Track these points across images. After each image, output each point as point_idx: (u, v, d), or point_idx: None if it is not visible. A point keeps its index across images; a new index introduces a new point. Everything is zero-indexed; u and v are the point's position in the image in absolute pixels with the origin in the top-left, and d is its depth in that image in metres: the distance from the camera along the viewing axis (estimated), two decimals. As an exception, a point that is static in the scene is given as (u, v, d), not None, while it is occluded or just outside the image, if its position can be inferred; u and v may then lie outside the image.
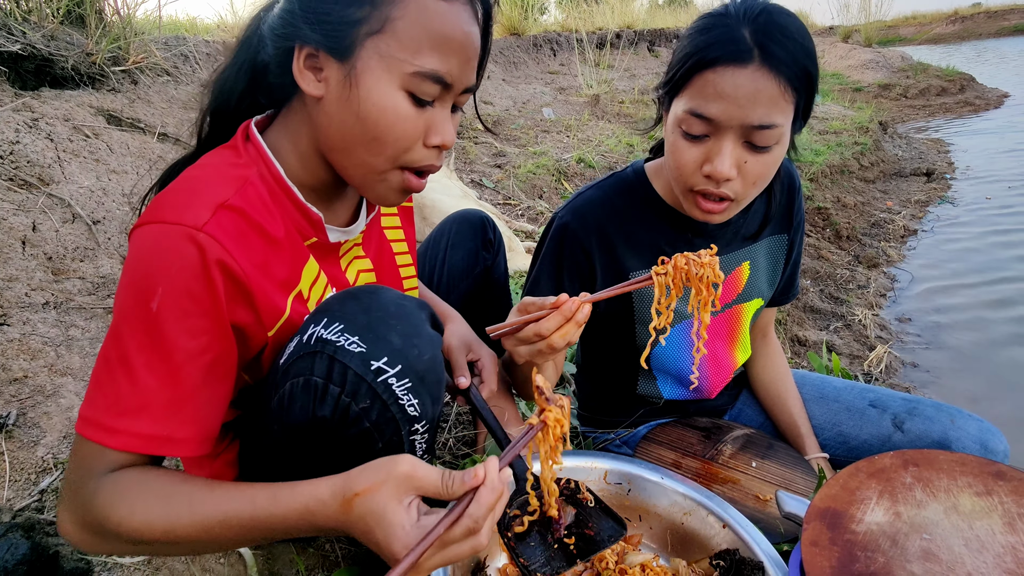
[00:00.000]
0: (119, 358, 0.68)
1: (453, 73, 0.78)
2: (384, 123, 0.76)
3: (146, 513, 0.67)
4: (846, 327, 2.94)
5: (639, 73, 8.25)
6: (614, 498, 1.14)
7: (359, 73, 0.74)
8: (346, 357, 0.72)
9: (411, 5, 0.73)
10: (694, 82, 0.98)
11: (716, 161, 0.99)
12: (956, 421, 1.23)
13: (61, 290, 1.62)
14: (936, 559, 0.77)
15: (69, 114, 2.18)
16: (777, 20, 0.96)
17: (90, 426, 0.68)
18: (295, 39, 0.76)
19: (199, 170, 0.77)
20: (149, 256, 0.69)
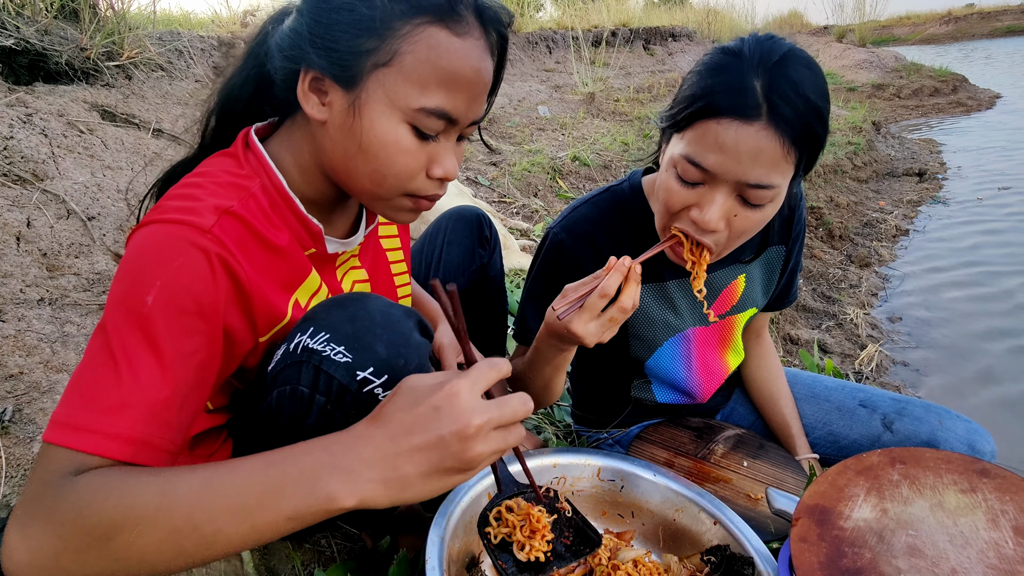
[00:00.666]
0: (105, 353, 0.63)
1: (459, 110, 0.76)
2: (385, 156, 0.76)
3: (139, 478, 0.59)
4: (838, 326, 2.97)
5: (634, 71, 8.27)
6: (607, 495, 1.15)
7: (363, 104, 0.73)
8: (331, 367, 0.72)
9: (422, 41, 0.72)
10: (696, 127, 0.94)
11: (706, 211, 0.96)
12: (944, 422, 1.25)
13: (56, 286, 1.62)
14: (921, 555, 0.79)
15: (63, 109, 2.17)
16: (791, 75, 0.90)
17: (63, 429, 0.61)
18: (301, 61, 0.75)
19: (200, 178, 0.76)
20: (150, 251, 0.66)
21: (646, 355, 1.29)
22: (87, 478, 0.59)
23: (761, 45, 0.93)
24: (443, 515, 0.97)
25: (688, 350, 1.31)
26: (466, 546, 1.02)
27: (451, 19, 0.73)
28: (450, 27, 0.73)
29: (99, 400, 0.61)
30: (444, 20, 0.73)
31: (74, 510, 0.57)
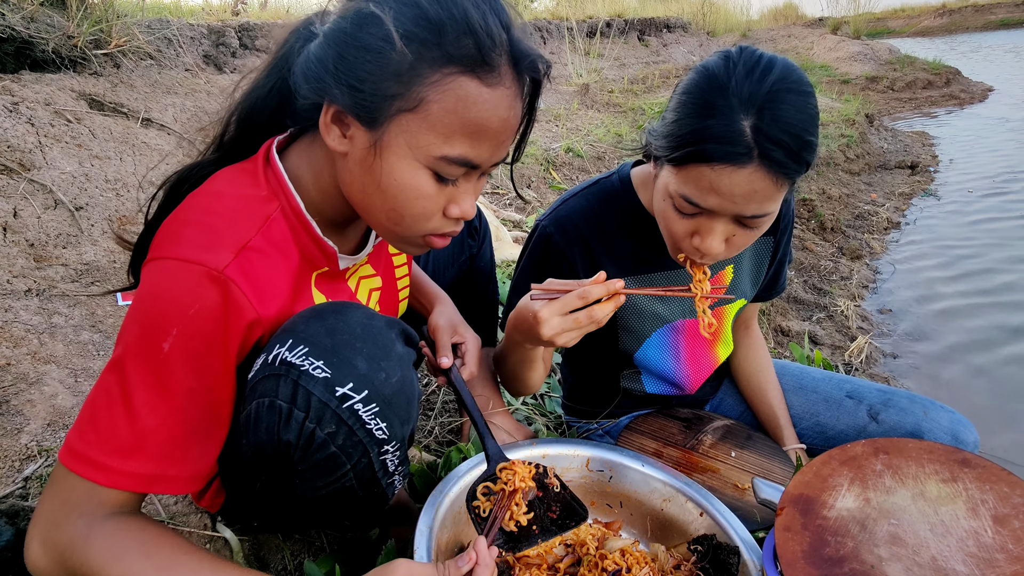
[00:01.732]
0: (120, 394, 0.67)
1: (482, 157, 0.75)
2: (403, 198, 0.75)
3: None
4: (828, 318, 2.98)
5: (629, 62, 8.24)
6: (595, 485, 1.16)
7: (384, 146, 0.72)
8: (310, 383, 0.71)
9: (450, 91, 0.70)
10: (690, 170, 0.94)
11: (707, 240, 0.99)
12: (929, 413, 1.26)
13: (44, 277, 1.61)
14: (902, 543, 0.80)
15: (50, 98, 2.15)
16: (781, 113, 0.88)
17: (79, 461, 0.66)
18: (325, 94, 0.73)
19: (219, 201, 0.76)
20: (166, 295, 0.68)
21: (635, 346, 1.29)
22: (99, 543, 0.66)
23: (749, 77, 0.90)
24: (432, 506, 0.97)
25: (677, 341, 1.32)
26: (455, 536, 1.02)
27: (482, 69, 0.70)
28: (480, 77, 0.70)
29: (114, 439, 0.66)
30: (475, 70, 0.70)
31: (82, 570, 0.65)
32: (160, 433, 0.68)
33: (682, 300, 1.28)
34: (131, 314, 0.69)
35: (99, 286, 1.68)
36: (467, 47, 0.69)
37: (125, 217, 1.94)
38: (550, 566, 1.02)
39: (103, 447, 0.66)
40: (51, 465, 1.16)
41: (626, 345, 1.29)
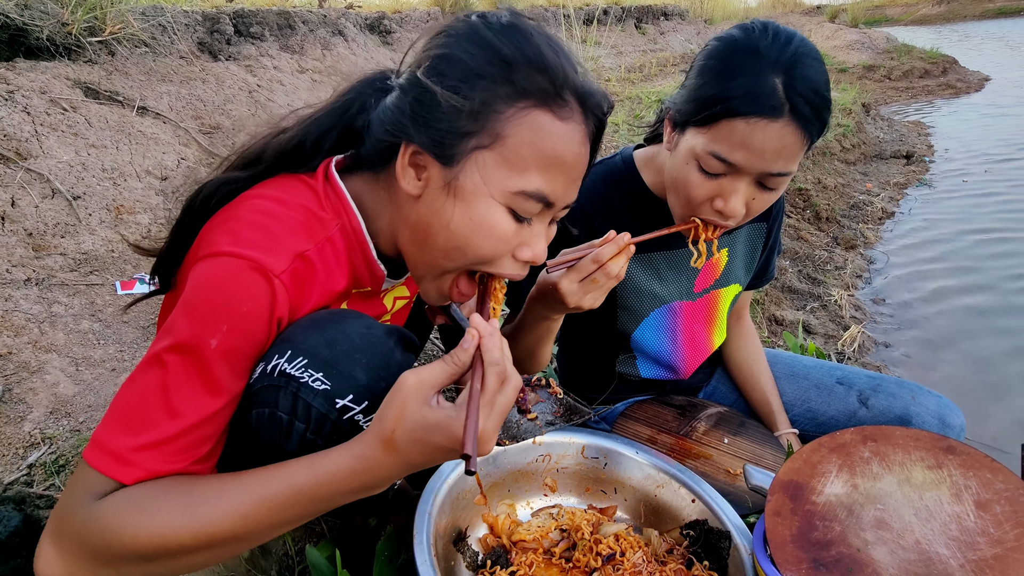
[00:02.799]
0: (158, 386, 0.65)
1: (557, 193, 0.76)
2: (475, 237, 0.75)
3: (167, 516, 0.62)
4: (822, 307, 3.01)
5: (626, 50, 8.20)
6: (591, 472, 1.19)
7: (460, 184, 0.73)
8: (309, 395, 0.71)
9: (525, 125, 0.71)
10: (720, 126, 0.98)
11: (731, 201, 1.02)
12: (917, 397, 1.29)
13: (43, 266, 1.61)
14: (888, 527, 0.83)
15: (46, 86, 2.14)
16: (807, 73, 0.95)
17: (103, 456, 0.64)
18: (403, 136, 0.74)
19: (281, 207, 0.76)
20: (222, 291, 0.67)
21: (632, 326, 1.31)
22: (113, 505, 0.63)
23: (776, 41, 0.97)
24: (431, 491, 0.99)
25: (674, 323, 1.34)
26: (453, 521, 1.05)
27: (555, 103, 0.72)
28: (554, 111, 0.72)
29: (146, 433, 0.64)
30: (548, 104, 0.72)
31: (104, 542, 0.62)
32: (195, 432, 0.67)
33: (679, 281, 1.30)
34: (181, 307, 0.68)
35: (98, 276, 1.69)
36: (540, 82, 0.71)
37: (123, 207, 1.94)
38: (546, 550, 1.04)
39: (134, 438, 0.64)
40: (55, 452, 1.18)
41: (624, 325, 1.31)
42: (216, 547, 0.65)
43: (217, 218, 0.76)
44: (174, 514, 0.63)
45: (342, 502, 0.68)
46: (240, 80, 3.14)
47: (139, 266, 1.79)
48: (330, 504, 0.67)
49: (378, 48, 4.66)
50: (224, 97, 2.93)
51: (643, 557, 0.99)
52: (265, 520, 0.65)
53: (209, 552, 0.66)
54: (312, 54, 3.92)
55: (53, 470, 1.13)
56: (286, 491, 0.65)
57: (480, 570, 1.00)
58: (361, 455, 0.65)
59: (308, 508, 0.67)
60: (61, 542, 0.64)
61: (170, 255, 0.83)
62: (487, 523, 1.10)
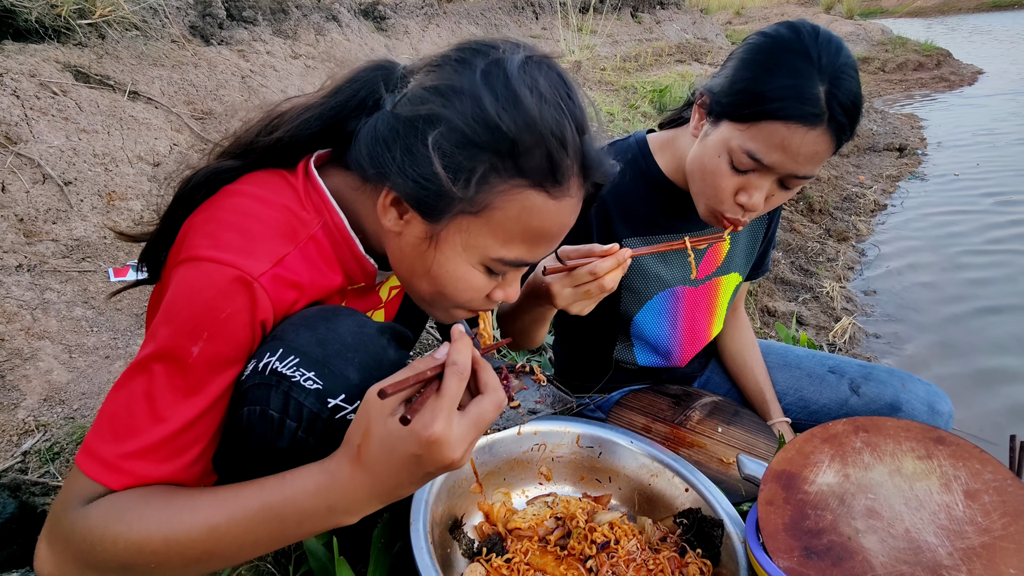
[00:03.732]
0: (144, 394, 0.66)
1: (536, 257, 0.77)
2: (452, 287, 0.77)
3: (143, 522, 0.63)
4: (814, 299, 3.03)
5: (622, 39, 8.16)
6: (586, 460, 1.20)
7: (441, 240, 0.73)
8: (301, 395, 0.70)
9: (516, 202, 0.70)
10: (761, 126, 0.99)
11: (754, 195, 1.05)
12: (907, 385, 1.31)
13: (34, 252, 1.60)
14: (878, 516, 0.84)
15: (35, 69, 2.11)
16: (849, 84, 0.97)
17: (92, 462, 0.65)
18: (386, 179, 0.72)
19: (261, 207, 0.74)
20: (201, 298, 0.66)
21: (636, 308, 1.33)
22: (96, 511, 0.63)
23: (827, 48, 0.97)
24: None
25: (675, 308, 1.35)
26: (449, 509, 1.05)
27: (550, 183, 0.71)
28: (548, 191, 0.71)
29: (133, 439, 0.65)
30: (543, 184, 0.70)
31: (87, 545, 0.63)
32: (181, 436, 0.67)
33: (683, 266, 1.31)
34: (163, 314, 0.67)
35: (90, 262, 1.68)
36: (538, 161, 0.69)
37: (115, 193, 1.93)
38: (541, 538, 1.05)
39: (121, 446, 0.65)
40: (49, 440, 1.18)
41: (627, 307, 1.33)
42: (187, 558, 0.64)
43: (199, 216, 0.75)
44: (151, 522, 0.63)
45: (312, 527, 0.65)
46: (233, 65, 3.11)
47: (132, 253, 1.78)
48: (299, 526, 0.65)
49: (372, 35, 4.61)
50: (216, 82, 2.90)
51: (637, 545, 1.01)
52: (236, 536, 0.64)
53: (181, 560, 0.64)
54: (306, 39, 3.88)
55: (48, 457, 1.13)
56: (256, 505, 0.64)
57: (476, 557, 1.01)
58: (329, 471, 0.64)
59: (277, 527, 0.65)
60: (53, 543, 0.65)
61: (159, 243, 0.82)
62: (483, 511, 1.11)
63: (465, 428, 0.62)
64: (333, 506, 0.64)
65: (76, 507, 0.64)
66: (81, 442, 1.17)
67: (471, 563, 0.99)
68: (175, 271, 0.70)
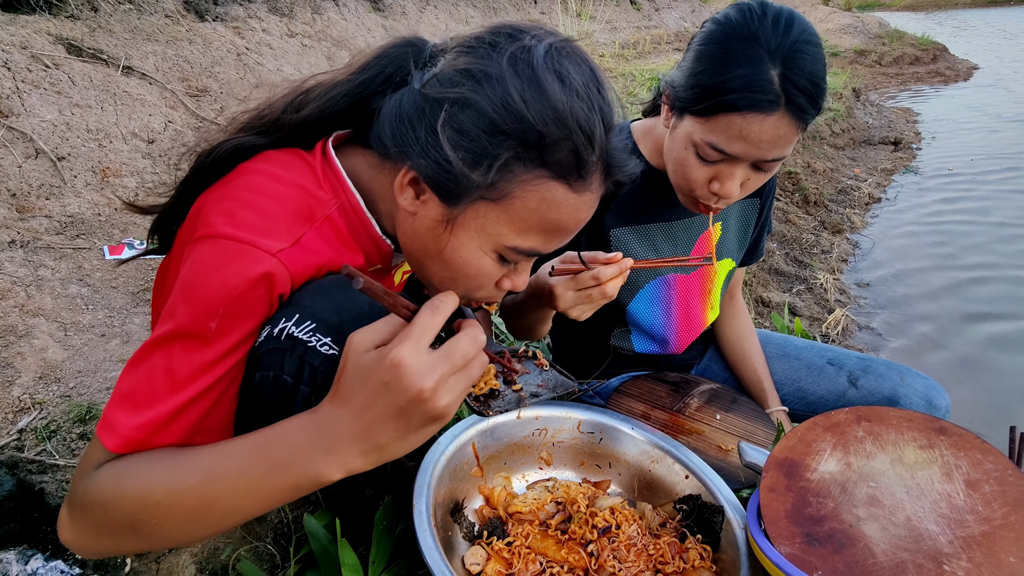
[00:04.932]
0: (164, 369, 0.66)
1: (549, 249, 0.77)
2: (463, 272, 0.76)
3: (148, 475, 0.64)
4: (808, 290, 3.05)
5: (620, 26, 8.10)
6: (586, 446, 1.20)
7: (458, 224, 0.72)
8: (316, 359, 0.71)
9: (536, 192, 0.70)
10: (718, 119, 0.98)
11: (726, 185, 1.04)
12: (905, 379, 1.32)
13: (27, 228, 1.57)
14: (880, 504, 0.85)
15: (26, 41, 2.06)
16: (804, 64, 0.94)
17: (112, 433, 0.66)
18: (407, 158, 0.72)
19: (278, 186, 0.74)
20: (219, 276, 0.67)
21: (628, 297, 1.33)
22: (105, 475, 0.65)
23: (776, 29, 0.95)
24: (429, 463, 1.00)
25: (668, 296, 1.35)
26: (451, 492, 1.05)
27: (574, 177, 0.70)
28: (571, 184, 0.71)
29: (151, 410, 0.65)
30: (567, 178, 0.70)
31: (99, 506, 0.65)
32: (199, 406, 0.68)
33: (673, 253, 1.33)
34: (180, 292, 0.68)
35: (84, 239, 1.65)
36: (564, 154, 0.69)
37: (109, 169, 1.89)
38: (541, 522, 1.06)
39: (137, 418, 0.65)
40: (45, 418, 1.16)
41: (619, 295, 1.33)
42: (189, 512, 0.64)
43: (213, 193, 0.74)
44: (154, 474, 0.64)
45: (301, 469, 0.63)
46: (228, 42, 3.05)
47: (127, 230, 1.76)
48: (286, 467, 0.63)
49: (369, 15, 4.55)
50: (211, 59, 2.85)
51: (638, 530, 1.01)
52: (230, 479, 0.64)
53: (183, 511, 0.64)
54: (302, 18, 3.82)
55: (44, 435, 1.12)
56: (247, 447, 0.64)
57: (477, 540, 1.01)
58: (315, 409, 0.64)
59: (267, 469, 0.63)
60: (72, 510, 0.67)
61: (173, 214, 0.81)
62: (483, 495, 1.11)
63: (435, 358, 0.60)
64: (315, 441, 0.62)
65: (91, 473, 0.66)
66: (77, 420, 1.16)
67: (472, 546, 1.00)
68: (192, 247, 0.69)
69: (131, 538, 0.67)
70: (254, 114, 0.82)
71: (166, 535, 0.67)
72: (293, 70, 3.25)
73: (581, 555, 0.98)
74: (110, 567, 0.86)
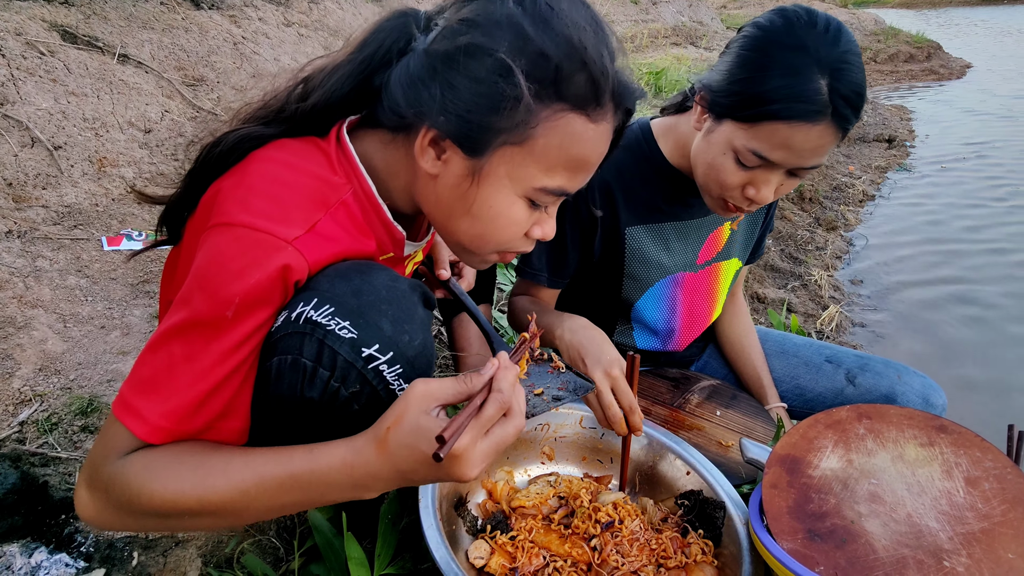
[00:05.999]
0: (184, 356, 0.67)
1: (575, 186, 0.78)
2: (494, 225, 0.77)
3: (179, 482, 0.66)
4: (803, 287, 3.07)
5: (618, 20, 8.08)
6: (588, 441, 1.21)
7: (484, 175, 0.73)
8: (336, 343, 0.71)
9: (557, 128, 0.71)
10: (763, 127, 0.98)
11: (763, 191, 1.05)
12: (903, 377, 1.34)
13: (24, 219, 1.56)
14: (881, 501, 0.86)
15: (21, 28, 2.03)
16: (852, 76, 0.95)
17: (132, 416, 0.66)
18: (425, 117, 0.72)
19: (292, 175, 0.75)
20: (235, 264, 0.67)
21: (636, 295, 1.33)
22: (135, 467, 0.66)
23: (824, 38, 0.95)
24: (435, 457, 1.00)
25: (675, 294, 1.36)
26: (454, 487, 1.06)
27: (591, 107, 0.71)
28: (589, 114, 0.72)
29: (173, 397, 0.67)
30: (585, 108, 0.71)
31: (126, 496, 0.66)
32: (222, 394, 0.69)
33: (684, 252, 1.32)
34: (194, 279, 0.68)
35: (82, 230, 1.64)
36: (580, 86, 0.70)
37: (106, 159, 1.88)
38: (545, 517, 1.07)
39: (162, 403, 0.66)
40: (46, 410, 1.16)
41: (628, 293, 1.33)
42: (219, 515, 0.68)
43: (227, 180, 0.74)
44: (185, 482, 0.66)
45: (334, 497, 0.68)
46: (224, 31, 3.02)
47: (125, 221, 1.74)
48: (323, 496, 0.68)
49: (366, 4, 4.51)
50: (208, 48, 2.82)
51: (640, 525, 1.02)
52: (263, 499, 0.67)
53: (213, 518, 0.68)
54: (298, 7, 3.78)
55: (46, 428, 1.11)
56: (283, 475, 0.67)
57: (480, 534, 1.02)
58: (355, 448, 0.66)
59: (302, 496, 0.68)
60: (93, 490, 0.68)
61: (182, 204, 0.81)
62: (486, 489, 1.12)
63: (485, 448, 0.65)
64: (356, 482, 0.66)
65: (115, 458, 0.67)
66: (79, 412, 1.15)
67: (476, 539, 1.00)
68: (206, 236, 0.69)
69: (155, 524, 0.70)
70: (259, 105, 0.82)
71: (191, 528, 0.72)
72: (290, 60, 3.23)
73: (584, 549, 0.99)
74: (116, 560, 0.86)
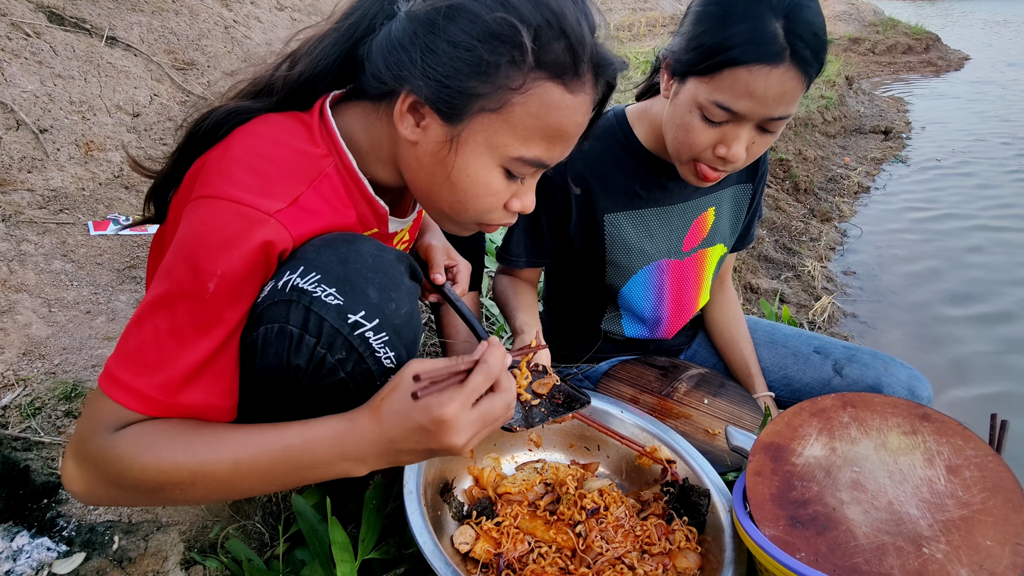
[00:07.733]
0: (170, 329, 0.67)
1: (554, 158, 0.78)
2: (472, 193, 0.77)
3: (172, 454, 0.66)
4: (796, 277, 3.07)
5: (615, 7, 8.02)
6: (576, 429, 1.21)
7: (462, 142, 0.74)
8: (322, 309, 0.71)
9: (535, 96, 0.71)
10: (724, 75, 0.98)
11: (733, 147, 1.04)
12: (889, 368, 1.34)
13: (9, 202, 1.54)
14: (863, 488, 0.87)
15: (6, 8, 2.00)
16: (807, 16, 0.96)
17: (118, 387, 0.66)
18: (405, 82, 0.72)
19: (275, 148, 0.75)
20: (217, 236, 0.67)
21: (621, 282, 1.33)
22: (126, 440, 0.66)
23: None
24: (420, 443, 1.00)
25: (661, 281, 1.36)
26: (440, 472, 1.06)
27: (569, 76, 0.71)
28: (566, 84, 0.72)
29: (159, 369, 0.67)
30: (562, 77, 0.71)
31: (117, 469, 0.66)
32: (210, 368, 0.69)
33: (668, 239, 1.32)
34: (177, 251, 0.68)
35: (68, 214, 1.62)
36: (557, 53, 0.70)
37: (93, 143, 1.85)
38: (531, 503, 1.07)
39: (149, 375, 0.66)
40: (29, 395, 1.15)
41: (612, 280, 1.33)
42: (212, 488, 0.68)
43: (211, 155, 0.75)
44: (178, 455, 0.66)
45: (325, 470, 0.69)
46: (215, 14, 2.98)
47: (111, 206, 1.73)
48: (314, 469, 0.69)
49: (360, -11, 4.46)
50: (198, 31, 2.78)
51: (626, 512, 1.03)
52: (256, 473, 0.68)
53: (205, 489, 0.69)
54: (291, -9, 3.74)
55: (28, 412, 1.11)
56: (277, 447, 0.67)
57: (466, 520, 1.02)
58: (349, 419, 0.68)
59: (294, 470, 0.69)
60: (82, 464, 0.68)
61: (169, 181, 0.81)
62: (472, 475, 1.12)
63: (473, 418, 0.67)
64: (346, 452, 0.68)
65: (105, 432, 0.67)
66: (63, 397, 1.15)
67: (461, 525, 1.01)
68: (190, 208, 0.69)
69: (145, 498, 0.70)
70: (250, 80, 0.82)
71: (181, 501, 0.71)
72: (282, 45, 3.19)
73: (569, 535, 0.99)
74: (97, 544, 0.86)
